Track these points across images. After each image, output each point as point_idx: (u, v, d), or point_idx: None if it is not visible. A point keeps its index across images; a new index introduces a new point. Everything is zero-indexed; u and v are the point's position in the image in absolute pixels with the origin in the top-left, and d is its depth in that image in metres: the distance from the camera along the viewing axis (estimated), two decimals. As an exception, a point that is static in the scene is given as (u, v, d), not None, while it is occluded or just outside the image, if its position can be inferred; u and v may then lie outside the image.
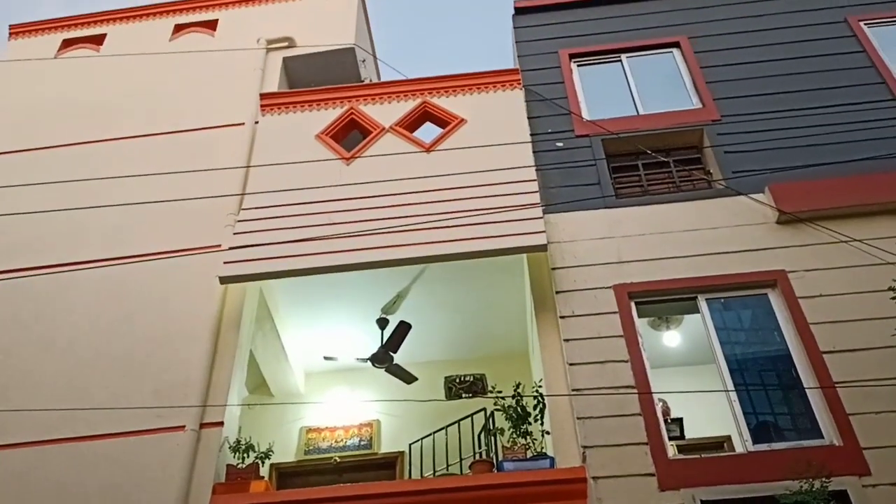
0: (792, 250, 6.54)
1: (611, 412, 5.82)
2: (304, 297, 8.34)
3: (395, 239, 6.89)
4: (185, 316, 6.93)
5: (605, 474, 5.51)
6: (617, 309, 6.43)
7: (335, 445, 8.83)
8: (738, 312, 6.56)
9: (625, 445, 5.64)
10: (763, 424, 5.81)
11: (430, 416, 8.68)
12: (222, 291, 7.07)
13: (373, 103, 8.61)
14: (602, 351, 6.20)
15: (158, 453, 6.05)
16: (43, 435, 6.23)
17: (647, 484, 5.40)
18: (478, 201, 7.14)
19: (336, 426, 9.02)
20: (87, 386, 6.51)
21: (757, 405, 5.90)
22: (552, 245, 6.87)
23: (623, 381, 5.97)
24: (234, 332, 6.91)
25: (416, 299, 8.46)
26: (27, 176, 8.08)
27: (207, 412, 6.32)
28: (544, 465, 5.88)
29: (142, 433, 6.19)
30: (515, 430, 6.28)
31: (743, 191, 6.97)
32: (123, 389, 6.44)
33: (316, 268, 6.81)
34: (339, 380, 9.19)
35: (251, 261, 6.88)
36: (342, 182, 7.60)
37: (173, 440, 6.09)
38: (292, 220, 7.22)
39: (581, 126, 7.90)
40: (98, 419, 6.26)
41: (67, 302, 7.14)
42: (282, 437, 8.52)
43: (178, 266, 7.22)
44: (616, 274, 6.66)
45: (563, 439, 6.00)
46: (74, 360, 6.72)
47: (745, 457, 5.53)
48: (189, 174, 7.82)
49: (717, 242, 6.70)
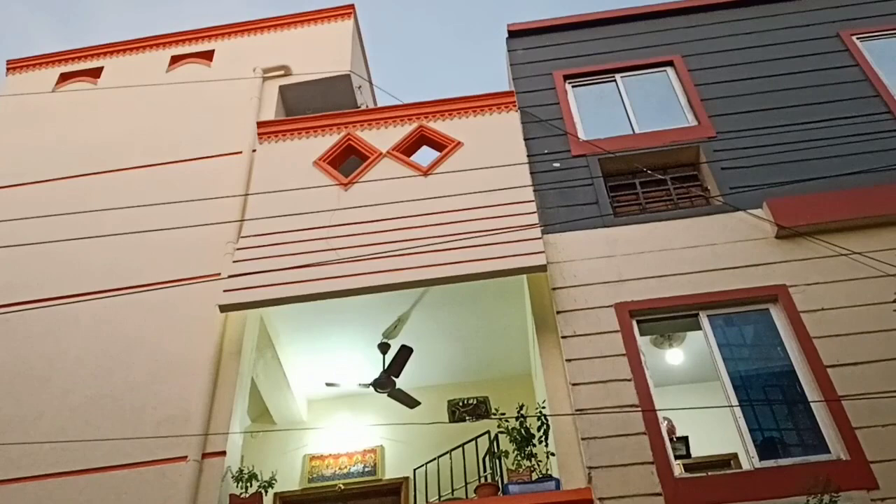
0: (792, 265, 6.53)
1: (615, 432, 5.78)
2: (305, 324, 8.32)
3: (395, 263, 6.89)
4: (185, 346, 6.91)
5: (612, 495, 5.46)
6: (618, 327, 6.40)
7: (339, 472, 8.76)
8: (740, 328, 6.53)
9: (630, 465, 5.59)
10: (769, 440, 5.77)
11: (434, 440, 8.62)
12: (222, 320, 7.05)
13: (370, 128, 8.65)
14: (605, 370, 6.17)
15: (161, 485, 6.00)
16: (44, 469, 6.20)
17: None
18: (476, 223, 7.15)
19: (340, 453, 8.95)
20: (88, 419, 6.48)
21: (762, 421, 5.86)
22: (552, 265, 6.86)
23: (627, 400, 5.94)
24: (235, 361, 6.88)
25: (417, 324, 8.43)
26: (25, 210, 8.09)
27: (209, 442, 6.28)
28: (550, 486, 5.83)
29: (144, 465, 6.14)
30: (520, 452, 6.22)
31: (741, 206, 6.98)
32: (124, 421, 6.40)
33: (316, 293, 6.80)
34: (341, 406, 9.14)
35: (251, 288, 6.87)
36: (341, 207, 7.60)
37: (175, 471, 6.04)
38: (291, 247, 7.23)
39: (577, 146, 7.93)
40: (99, 452, 6.23)
41: (67, 335, 7.12)
42: (285, 465, 8.45)
43: (178, 296, 7.20)
44: (617, 292, 6.64)
45: (568, 460, 5.95)
46: (74, 393, 6.69)
47: (752, 474, 5.48)
48: (187, 204, 7.83)
49: (716, 258, 6.69)
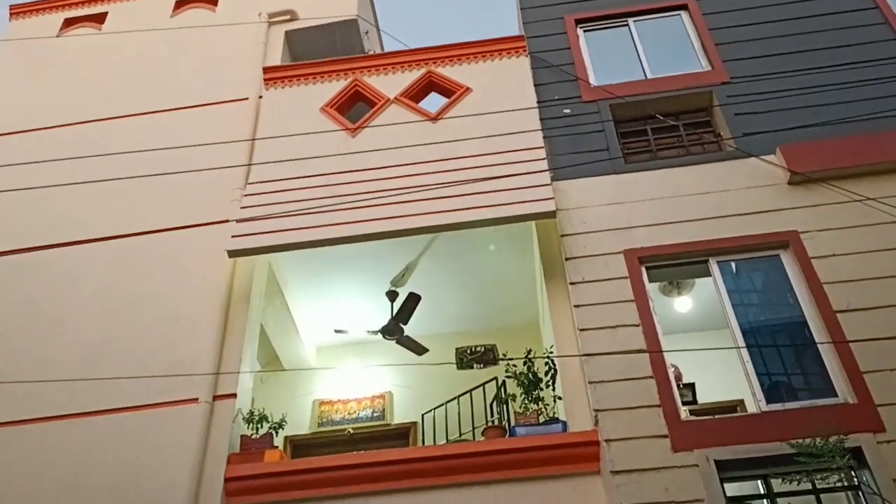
0: (804, 211, 6.47)
1: (622, 376, 5.79)
2: (314, 271, 8.34)
3: (403, 209, 6.85)
4: (194, 291, 6.94)
5: (618, 437, 5.50)
6: (627, 274, 6.38)
7: (348, 417, 8.87)
8: (749, 275, 6.50)
9: (637, 408, 5.62)
10: (776, 385, 5.78)
11: (442, 387, 8.70)
12: (231, 266, 7.07)
13: (377, 74, 8.54)
14: (613, 316, 6.16)
15: (173, 426, 6.07)
16: (56, 410, 6.27)
17: (661, 445, 5.38)
18: (485, 170, 7.08)
19: (348, 398, 9.05)
20: (100, 362, 6.52)
21: (770, 366, 5.87)
22: (561, 212, 6.82)
23: (634, 345, 5.94)
24: (244, 307, 6.91)
25: (425, 272, 8.44)
26: (33, 156, 8.06)
27: (220, 385, 6.34)
28: (557, 429, 5.89)
29: (156, 406, 6.22)
30: (527, 396, 6.29)
31: (753, 152, 6.89)
32: (136, 364, 6.44)
33: (324, 239, 6.78)
34: (350, 353, 9.21)
35: (259, 234, 6.86)
36: (349, 152, 7.54)
37: (187, 413, 6.11)
38: (299, 193, 7.19)
39: (588, 92, 7.81)
40: (112, 394, 6.29)
41: (78, 280, 7.15)
42: (295, 410, 8.54)
43: (187, 241, 7.23)
44: (626, 239, 6.60)
45: (575, 404, 5.99)
46: (86, 336, 6.74)
47: (758, 417, 5.51)
48: (195, 150, 7.78)
49: (728, 205, 6.63)
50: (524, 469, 5.71)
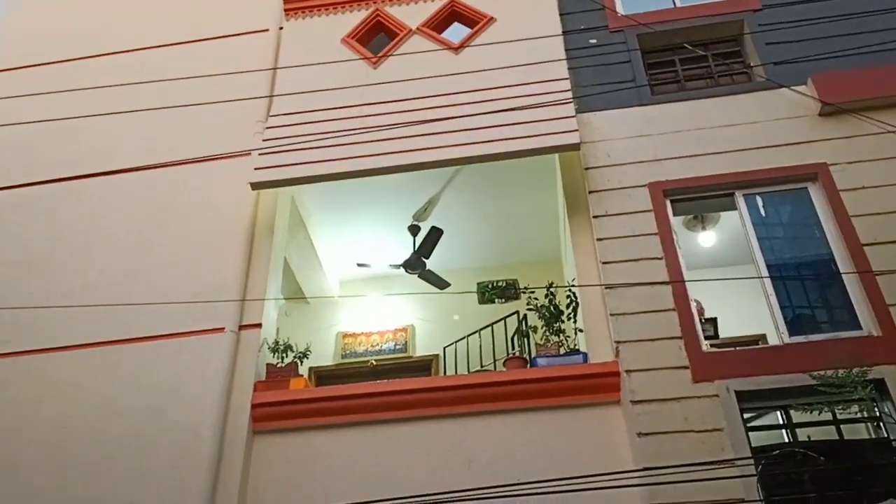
0: (834, 142, 6.33)
1: (644, 308, 5.79)
2: (336, 205, 8.37)
3: (426, 142, 6.79)
4: (218, 223, 6.98)
5: (639, 368, 5.53)
6: (651, 207, 6.32)
7: (371, 350, 9.01)
8: (776, 208, 6.41)
9: (658, 340, 5.63)
10: (800, 317, 5.76)
11: (464, 321, 8.80)
12: (254, 199, 7.10)
13: (398, 5, 8.36)
14: (636, 249, 6.13)
15: (200, 354, 6.19)
16: (83, 339, 6.41)
17: (681, 376, 5.41)
18: (509, 101, 6.97)
19: (371, 331, 9.18)
20: (126, 292, 6.62)
21: (794, 298, 5.84)
22: (585, 144, 6.72)
23: (657, 278, 5.92)
24: (268, 239, 6.96)
25: (447, 206, 8.45)
26: (56, 87, 8.04)
27: (246, 315, 6.44)
28: (577, 360, 5.94)
29: (182, 335, 6.33)
30: (548, 328, 6.33)
31: (784, 83, 6.71)
32: (162, 294, 6.54)
33: (347, 172, 6.76)
34: (372, 286, 9.30)
35: (281, 166, 6.85)
36: (370, 84, 7.45)
37: (214, 342, 6.22)
38: (321, 126, 7.14)
39: (615, 20, 7.61)
40: (138, 323, 6.41)
41: (104, 210, 7.23)
42: (318, 342, 8.68)
43: (211, 173, 7.24)
44: (651, 172, 6.52)
45: (596, 336, 6.02)
46: (112, 267, 6.84)
47: (781, 348, 5.51)
48: (217, 82, 7.73)
49: (756, 137, 6.50)
50: (545, 399, 5.78)
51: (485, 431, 5.74)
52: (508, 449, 5.58)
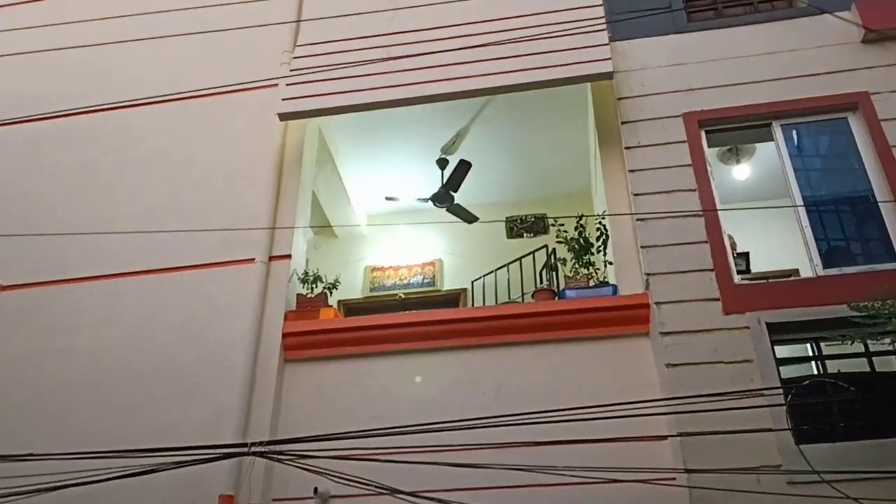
0: (877, 71, 6.11)
1: (676, 240, 5.73)
2: (364, 138, 8.32)
3: (455, 71, 6.68)
4: (247, 154, 6.97)
5: (669, 300, 5.49)
6: (686, 137, 6.18)
7: (399, 283, 9.07)
8: (814, 139, 6.26)
9: (689, 272, 5.57)
10: (834, 250, 5.66)
11: (492, 255, 8.80)
12: (282, 131, 7.07)
13: (427, -70, 8.12)
14: (669, 181, 6.02)
15: (231, 284, 6.26)
16: (116, 268, 6.50)
17: (712, 308, 5.37)
18: (540, 29, 6.81)
19: (399, 265, 9.22)
20: (158, 222, 6.67)
21: (829, 231, 5.73)
22: (618, 74, 6.56)
23: (690, 210, 5.83)
24: (297, 172, 6.95)
25: (476, 139, 8.35)
26: (83, 15, 7.99)
27: (275, 246, 6.47)
28: (607, 292, 5.91)
29: (213, 265, 6.40)
30: (578, 260, 6.30)
31: (827, 9, 6.46)
32: (192, 225, 6.58)
33: (375, 102, 6.68)
34: (401, 220, 9.28)
35: (309, 97, 6.79)
36: (399, 14, 7.29)
37: (244, 272, 6.28)
38: (349, 56, 7.04)
39: (651, -56, 7.33)
40: (170, 253, 6.49)
41: (134, 141, 7.25)
42: (347, 275, 8.73)
43: (238, 104, 7.20)
44: (686, 102, 6.36)
45: (625, 269, 5.98)
46: (144, 196, 6.90)
47: (814, 280, 5.44)
48: (245, 10, 7.64)
49: (795, 65, 6.29)
50: (573, 330, 5.78)
51: (512, 362, 5.77)
52: (535, 379, 5.62)
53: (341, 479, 4.64)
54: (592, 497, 4.92)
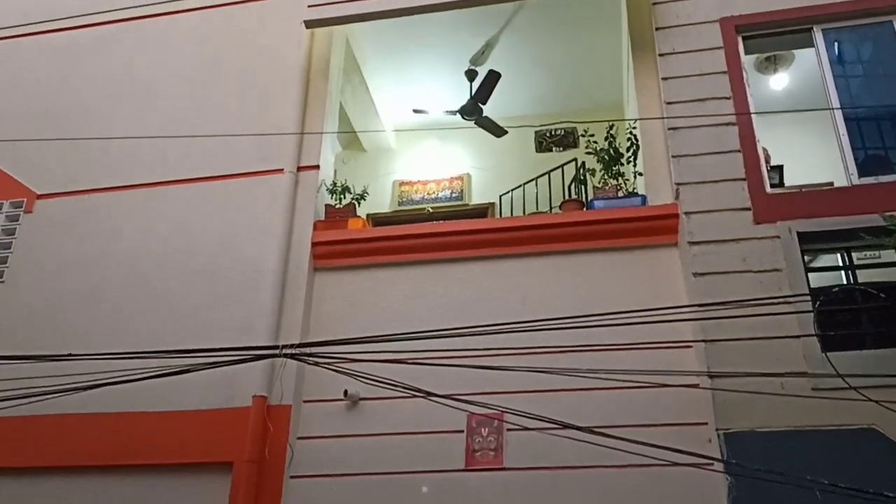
0: (926, -28, 5.84)
1: (708, 149, 5.63)
2: (392, 49, 8.18)
3: (484, -26, 6.49)
4: (274, 64, 6.91)
5: (699, 209, 5.44)
6: (722, 44, 6.00)
7: (427, 197, 9.07)
8: (856, 45, 6.03)
9: (721, 182, 5.49)
10: (871, 158, 5.52)
11: (521, 169, 8.74)
12: (309, 40, 6.98)
13: None
14: (703, 88, 5.87)
15: (261, 194, 6.30)
16: (149, 178, 6.57)
17: (742, 218, 5.31)
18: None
19: (427, 180, 9.20)
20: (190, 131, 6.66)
21: (867, 139, 5.58)
22: (653, -23, 6.34)
23: (723, 118, 5.70)
24: (323, 82, 6.90)
25: (505, 49, 8.18)
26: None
27: (303, 157, 6.48)
28: (636, 202, 5.87)
29: (243, 176, 6.44)
30: (607, 171, 6.23)
31: None
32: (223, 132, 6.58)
33: (403, 8, 6.54)
34: (429, 134, 9.21)
35: (336, 3, 6.66)
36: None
37: (273, 182, 6.32)
38: (376, -39, 6.86)
39: None
40: (200, 163, 6.54)
41: (164, 50, 7.22)
42: (376, 189, 8.74)
43: (264, 12, 7.12)
44: (723, 6, 6.13)
45: (656, 179, 5.92)
46: (174, 105, 6.90)
47: (849, 190, 5.34)
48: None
49: (840, -34, 6.03)
50: (601, 241, 5.76)
51: (539, 272, 5.79)
52: (562, 289, 5.63)
53: (371, 381, 4.73)
54: (617, 402, 5.00)
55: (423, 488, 5.09)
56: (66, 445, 5.50)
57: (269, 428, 5.29)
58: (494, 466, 5.09)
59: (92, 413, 5.50)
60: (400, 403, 5.22)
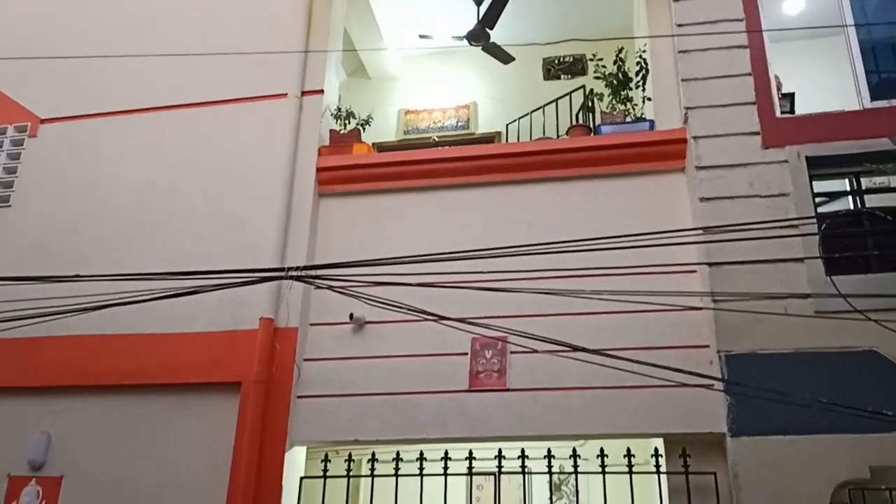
0: None
1: (719, 73, 5.52)
2: (397, -30, 8.00)
3: None
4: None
5: (707, 134, 5.37)
6: (735, -38, 5.84)
7: (433, 126, 8.99)
8: (876, -38, 5.86)
9: (730, 106, 5.41)
10: (885, 82, 5.41)
11: (528, 98, 8.62)
12: (312, -40, 6.83)
13: None
14: (715, 10, 5.73)
15: (265, 118, 6.26)
16: (159, 102, 6.54)
17: (751, 142, 5.26)
18: None
19: (433, 108, 9.10)
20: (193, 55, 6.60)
21: (881, 62, 5.47)
22: None
23: (736, 41, 5.59)
24: (327, 6, 6.75)
25: (514, -29, 7.98)
26: None
27: (307, 81, 6.41)
28: (644, 127, 5.80)
29: (248, 100, 6.38)
30: (615, 96, 6.14)
31: None
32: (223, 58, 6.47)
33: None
34: (435, 62, 9.08)
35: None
36: None
37: (277, 107, 6.26)
38: None
39: None
40: (207, 88, 6.49)
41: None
42: (381, 118, 8.66)
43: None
44: (737, -76, 5.95)
45: (664, 103, 5.85)
46: (177, 32, 6.81)
47: (859, 113, 5.26)
48: None
49: None
50: (607, 166, 5.72)
51: (545, 198, 5.76)
52: (568, 214, 5.61)
53: (376, 303, 4.77)
54: (621, 325, 5.05)
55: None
56: (79, 366, 5.60)
57: (276, 349, 5.36)
58: (498, 388, 5.17)
59: (103, 334, 5.60)
60: (405, 327, 5.28)
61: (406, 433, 5.17)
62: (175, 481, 5.26)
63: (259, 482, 5.03)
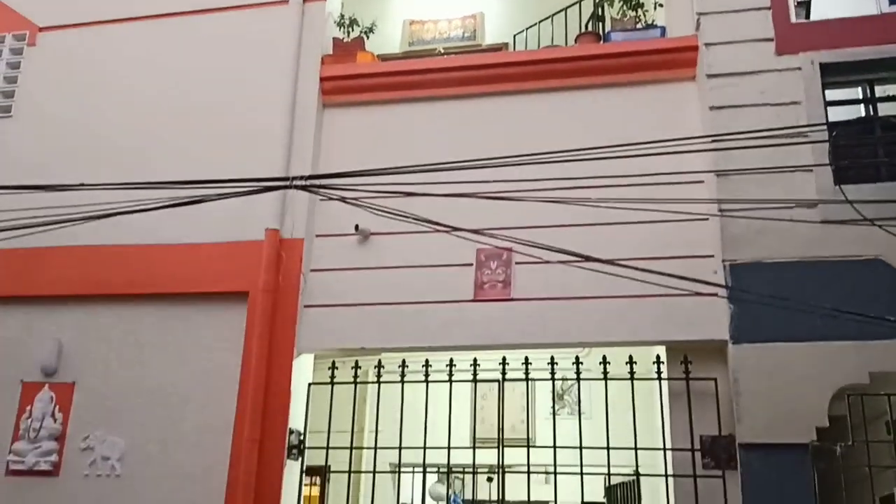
0: None
1: (734, -20, 5.36)
2: None
3: None
4: None
5: (719, 40, 5.25)
6: None
7: (439, 37, 8.74)
8: None
9: (744, 11, 5.27)
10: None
11: (536, 7, 8.37)
12: None
13: None
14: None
15: (266, 27, 6.14)
16: (157, 10, 6.40)
17: (764, 49, 5.13)
18: None
19: (439, 18, 8.85)
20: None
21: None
22: None
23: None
24: None
25: None
26: None
27: (308, -15, 6.24)
28: (655, 34, 5.67)
29: (248, 7, 6.24)
30: (626, 2, 5.96)
31: None
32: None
33: None
34: (440, -32, 8.79)
35: None
36: None
37: (278, 14, 6.12)
38: None
39: None
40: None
41: None
42: (386, 30, 8.44)
43: None
44: None
45: (676, 9, 5.73)
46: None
47: (877, 17, 5.12)
48: None
49: None
50: (616, 74, 5.62)
51: (553, 108, 5.69)
52: (577, 123, 5.51)
53: (382, 213, 4.75)
54: (625, 235, 5.05)
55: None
56: (87, 275, 5.64)
57: (282, 259, 5.39)
58: (502, 297, 5.20)
59: (108, 245, 5.63)
60: (410, 238, 5.28)
61: (411, 341, 5.25)
62: (185, 389, 5.37)
63: (268, 388, 5.13)
